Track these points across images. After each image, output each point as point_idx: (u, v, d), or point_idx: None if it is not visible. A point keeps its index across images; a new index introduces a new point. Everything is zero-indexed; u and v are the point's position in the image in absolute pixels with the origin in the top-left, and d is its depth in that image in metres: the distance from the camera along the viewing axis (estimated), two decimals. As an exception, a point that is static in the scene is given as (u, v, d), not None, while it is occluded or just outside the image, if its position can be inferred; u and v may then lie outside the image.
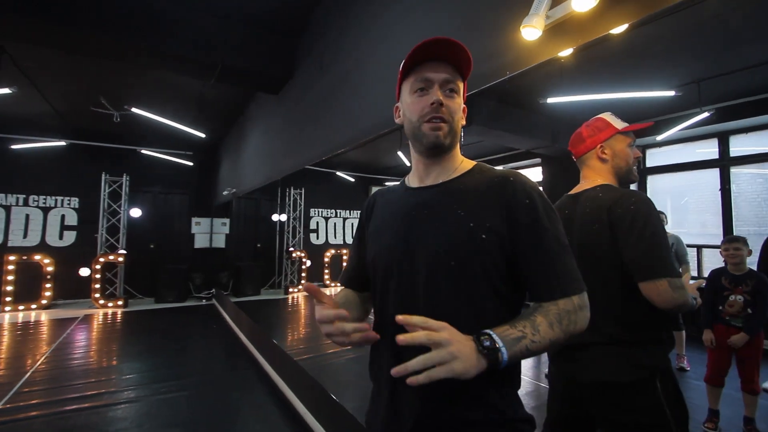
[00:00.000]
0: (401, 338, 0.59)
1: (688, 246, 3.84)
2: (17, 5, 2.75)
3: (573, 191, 1.29)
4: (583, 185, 1.26)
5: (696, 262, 5.28)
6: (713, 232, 5.29)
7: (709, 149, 5.49)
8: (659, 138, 5.14)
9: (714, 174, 5.42)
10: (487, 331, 0.63)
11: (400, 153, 6.25)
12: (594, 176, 1.25)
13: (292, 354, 3.52)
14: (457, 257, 0.72)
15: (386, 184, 9.38)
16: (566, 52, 1.16)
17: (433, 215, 0.78)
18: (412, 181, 0.88)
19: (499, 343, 0.61)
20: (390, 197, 0.90)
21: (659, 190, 5.95)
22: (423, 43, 0.75)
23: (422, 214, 0.79)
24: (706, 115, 4.44)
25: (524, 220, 0.73)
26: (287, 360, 3.20)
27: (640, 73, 3.91)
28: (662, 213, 3.24)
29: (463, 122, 0.84)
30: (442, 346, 0.58)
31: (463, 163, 0.84)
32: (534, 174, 6.64)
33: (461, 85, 0.81)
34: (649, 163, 6.08)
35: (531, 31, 1.16)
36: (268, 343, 3.77)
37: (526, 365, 3.72)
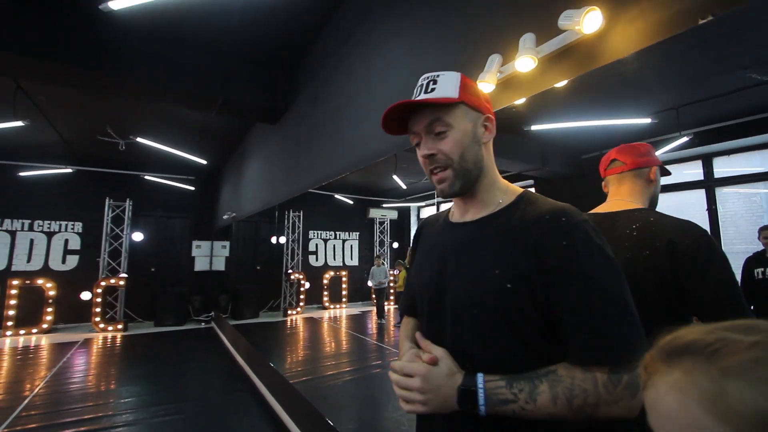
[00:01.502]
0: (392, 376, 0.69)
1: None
2: (32, 48, 2.98)
3: (605, 209, 1.16)
4: (617, 204, 1.14)
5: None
6: (703, 251, 5.39)
7: (693, 170, 5.68)
8: (645, 161, 5.33)
9: (700, 195, 5.59)
10: (478, 384, 0.62)
11: (395, 176, 6.45)
12: (630, 197, 1.14)
13: (290, 376, 3.58)
14: (481, 307, 0.67)
15: (383, 206, 9.56)
16: (520, 101, 1.33)
17: (463, 258, 0.73)
18: (454, 214, 0.82)
19: (480, 395, 0.61)
20: (432, 228, 0.87)
21: (649, 211, 6.09)
22: (386, 114, 0.74)
23: (454, 256, 0.75)
24: (685, 139, 4.64)
25: (559, 266, 0.64)
26: (283, 383, 3.27)
27: (618, 102, 4.13)
28: None
29: (485, 138, 0.75)
30: (411, 392, 0.65)
31: (507, 194, 0.76)
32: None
33: (456, 114, 0.72)
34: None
35: (485, 85, 1.34)
36: (264, 365, 3.84)
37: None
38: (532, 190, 0.78)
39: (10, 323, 6.24)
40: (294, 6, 2.98)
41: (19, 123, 4.26)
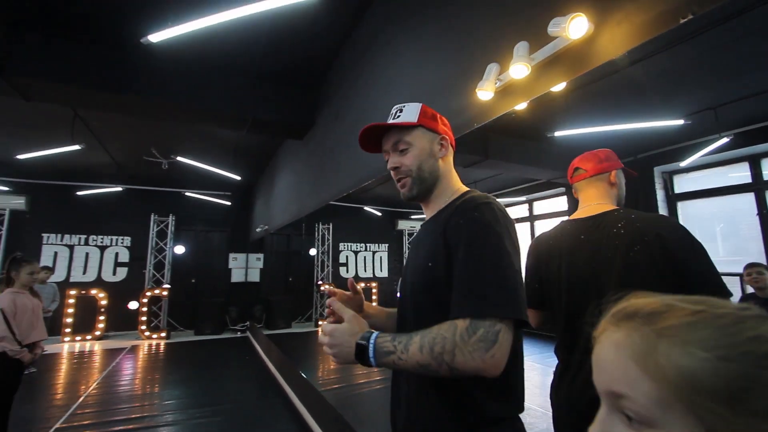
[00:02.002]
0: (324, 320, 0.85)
1: (728, 275, 3.70)
2: (87, 80, 3.35)
3: (583, 215, 1.23)
4: (594, 209, 1.22)
5: (740, 290, 4.99)
6: (756, 258, 5.02)
7: (740, 173, 5.32)
8: (683, 164, 5.07)
9: (749, 199, 5.22)
10: (370, 340, 0.73)
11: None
12: (600, 199, 1.23)
13: (321, 384, 3.66)
14: (414, 284, 0.85)
15: (411, 218, 9.60)
16: (520, 106, 1.38)
17: (417, 248, 0.93)
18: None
19: (370, 350, 0.72)
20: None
21: (691, 217, 5.74)
22: (360, 136, 0.94)
23: (414, 247, 0.96)
24: (726, 140, 4.40)
25: (453, 240, 0.77)
26: (312, 391, 3.35)
27: (648, 104, 4.00)
28: (761, 265, 3.18)
29: (442, 153, 0.92)
30: (326, 344, 0.78)
31: (453, 195, 0.91)
32: (560, 203, 6.64)
33: (416, 134, 0.90)
34: (678, 189, 5.93)
35: (484, 93, 1.40)
36: (295, 374, 3.95)
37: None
38: (478, 192, 0.89)
39: (68, 330, 6.79)
40: (314, 27, 3.17)
41: (77, 147, 4.73)
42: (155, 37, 2.33)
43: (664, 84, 3.69)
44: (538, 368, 4.27)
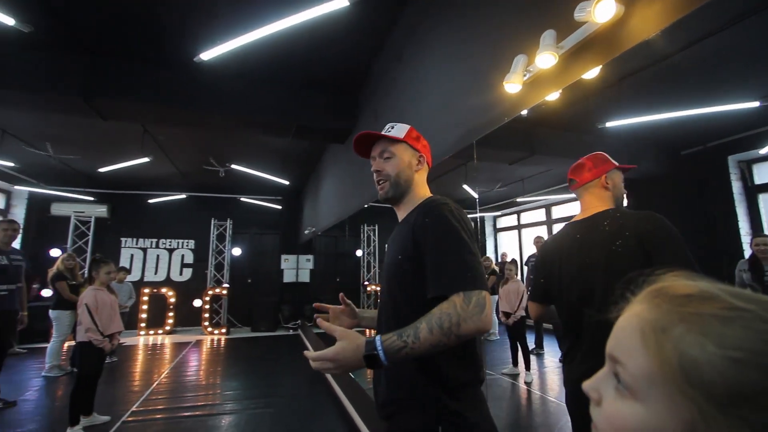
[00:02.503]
0: (307, 354, 0.87)
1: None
2: (152, 97, 3.72)
3: (579, 217, 1.37)
4: (589, 211, 1.34)
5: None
6: None
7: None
8: (762, 151, 4.53)
9: None
10: (376, 345, 0.79)
11: (466, 186, 6.40)
12: (596, 203, 1.33)
13: (369, 381, 3.73)
14: (388, 277, 1.01)
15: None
16: (552, 97, 1.33)
17: (390, 247, 1.08)
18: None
19: (381, 355, 0.78)
20: None
21: (775, 209, 5.10)
22: (355, 139, 1.11)
23: (389, 247, 1.10)
24: (814, 121, 3.87)
25: (421, 236, 0.92)
26: (358, 390, 3.44)
27: (715, 86, 3.62)
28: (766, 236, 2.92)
29: (419, 167, 1.11)
30: (329, 370, 0.83)
31: (419, 202, 1.05)
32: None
33: (399, 147, 1.08)
34: (759, 180, 5.28)
35: (512, 86, 1.37)
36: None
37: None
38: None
39: (143, 324, 7.54)
40: (351, 34, 3.26)
41: (146, 159, 5.26)
42: (206, 55, 2.54)
43: (735, 63, 3.33)
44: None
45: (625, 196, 1.36)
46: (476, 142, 2.05)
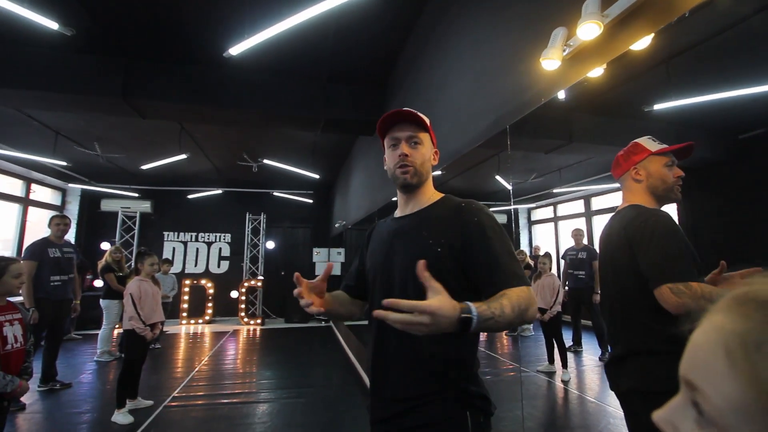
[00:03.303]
0: (382, 314, 0.74)
1: None
2: (186, 96, 3.84)
3: (617, 210, 1.40)
4: (621, 205, 1.36)
5: None
6: None
7: None
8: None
9: None
10: (471, 310, 0.75)
11: (498, 177, 6.20)
12: (630, 196, 1.33)
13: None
14: (405, 273, 0.98)
15: (491, 210, 9.21)
16: (594, 73, 1.21)
17: (406, 237, 1.04)
18: (397, 212, 1.14)
19: (474, 320, 0.75)
20: (382, 227, 1.17)
21: None
22: (387, 114, 1.04)
23: (399, 237, 1.05)
24: None
25: (473, 233, 0.95)
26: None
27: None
28: None
29: (434, 162, 1.11)
30: (423, 324, 0.72)
31: (433, 196, 1.08)
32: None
33: (425, 136, 1.06)
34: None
35: (550, 62, 1.26)
36: (370, 361, 4.08)
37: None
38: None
39: (184, 314, 7.93)
40: (378, 23, 3.20)
41: (184, 156, 5.47)
42: (235, 50, 2.57)
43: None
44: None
45: (679, 180, 1.26)
46: (510, 129, 1.94)
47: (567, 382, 4.03)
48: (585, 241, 3.03)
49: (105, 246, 7.81)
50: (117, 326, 5.24)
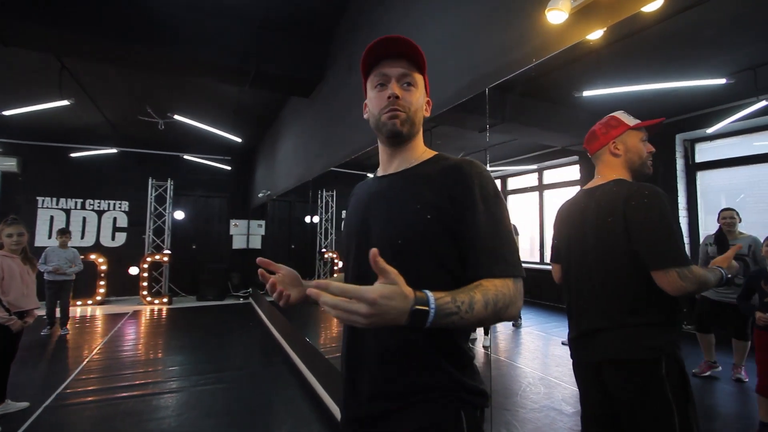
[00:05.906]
0: (314, 293, 0.59)
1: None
2: (73, 25, 3.01)
3: (587, 186, 1.37)
4: (598, 180, 1.34)
5: None
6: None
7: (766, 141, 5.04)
8: (710, 131, 4.77)
9: (775, 168, 4.97)
10: (429, 301, 0.63)
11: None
12: (608, 171, 1.32)
13: (325, 351, 3.58)
14: (404, 236, 0.80)
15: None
16: (596, 35, 1.12)
17: (388, 200, 0.86)
18: (379, 171, 0.96)
19: (431, 315, 0.63)
20: (362, 188, 0.99)
21: (712, 188, 5.51)
22: (375, 41, 0.83)
23: (380, 200, 0.88)
24: (763, 104, 4.10)
25: (465, 202, 0.79)
26: (318, 357, 3.26)
27: (688, 60, 3.66)
28: (733, 209, 3.15)
29: (427, 114, 0.91)
30: (359, 314, 0.58)
31: (424, 153, 0.90)
32: (572, 172, 6.40)
33: (419, 78, 0.87)
34: (699, 158, 5.66)
35: (556, 14, 1.13)
36: (300, 340, 3.86)
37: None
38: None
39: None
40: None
41: (65, 102, 4.41)
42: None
43: (709, 37, 3.35)
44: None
45: (650, 156, 1.31)
46: (470, 100, 1.82)
47: (488, 347, 4.31)
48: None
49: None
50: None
